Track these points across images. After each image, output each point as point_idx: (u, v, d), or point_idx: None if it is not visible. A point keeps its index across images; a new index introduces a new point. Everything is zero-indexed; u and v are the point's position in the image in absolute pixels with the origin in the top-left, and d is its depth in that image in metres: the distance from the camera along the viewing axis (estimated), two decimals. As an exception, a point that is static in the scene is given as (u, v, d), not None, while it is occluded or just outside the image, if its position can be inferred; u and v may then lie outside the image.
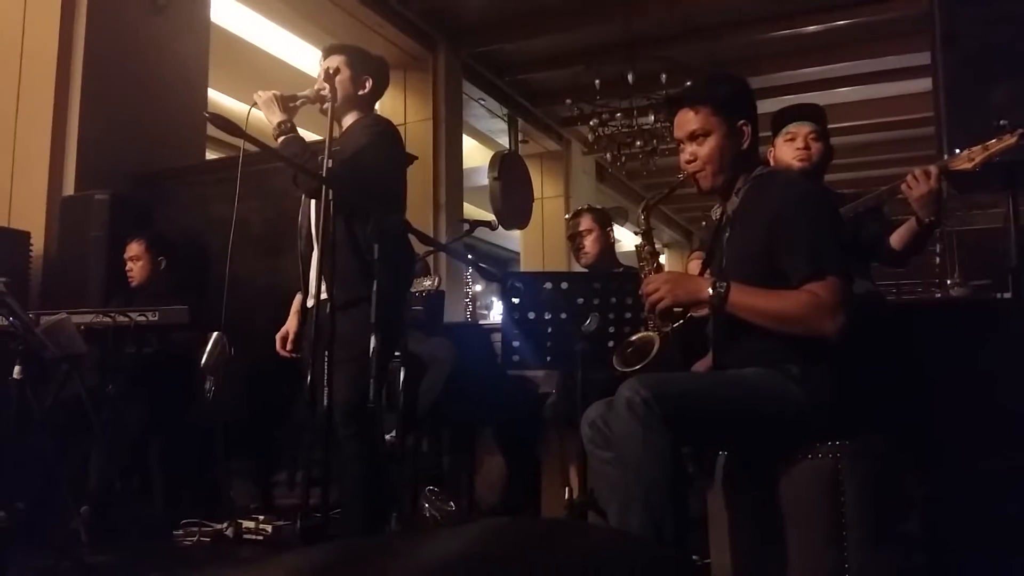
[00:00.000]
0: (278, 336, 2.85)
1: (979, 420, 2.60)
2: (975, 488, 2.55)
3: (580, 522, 2.26)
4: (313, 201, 2.62)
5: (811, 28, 7.50)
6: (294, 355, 2.82)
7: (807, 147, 2.65)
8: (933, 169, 2.37)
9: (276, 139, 2.61)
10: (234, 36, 7.00)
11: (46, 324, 2.85)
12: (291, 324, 2.85)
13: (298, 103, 2.65)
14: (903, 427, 2.20)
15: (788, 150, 2.67)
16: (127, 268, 3.75)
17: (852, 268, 2.02)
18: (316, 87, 2.68)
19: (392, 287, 2.66)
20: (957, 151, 2.41)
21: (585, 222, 3.65)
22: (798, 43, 7.86)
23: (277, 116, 2.60)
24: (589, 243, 3.62)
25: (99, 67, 4.40)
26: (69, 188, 4.24)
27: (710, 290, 1.89)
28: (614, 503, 1.92)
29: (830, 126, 2.79)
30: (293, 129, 2.60)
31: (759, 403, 1.84)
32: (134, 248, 3.75)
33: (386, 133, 2.72)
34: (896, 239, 2.56)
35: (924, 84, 6.80)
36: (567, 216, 3.85)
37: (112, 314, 3.19)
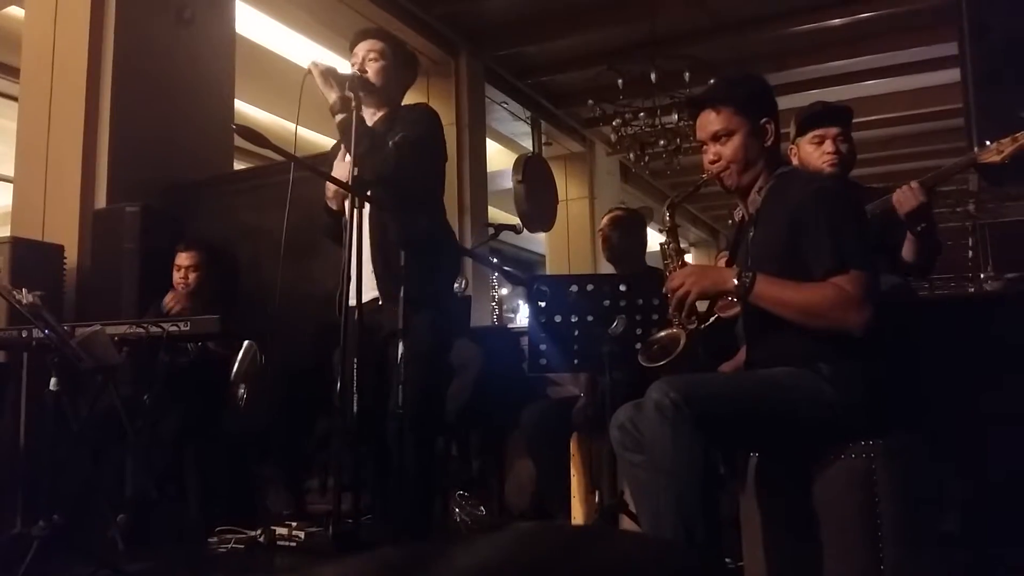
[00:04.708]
0: None
1: (1016, 416, 2.56)
2: (1017, 486, 2.51)
3: (611, 528, 2.26)
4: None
5: (836, 21, 7.42)
6: None
7: (837, 151, 2.60)
8: (915, 184, 2.38)
9: (334, 115, 2.50)
10: (258, 46, 7.07)
11: (81, 336, 2.89)
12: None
13: (348, 82, 2.52)
14: (938, 425, 2.17)
15: (816, 152, 2.62)
16: (182, 276, 3.73)
17: (879, 263, 2.00)
18: (357, 68, 2.61)
19: (445, 291, 2.67)
20: (987, 143, 2.38)
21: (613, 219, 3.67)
22: (823, 37, 7.78)
23: (334, 92, 2.49)
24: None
25: (128, 81, 4.46)
26: (101, 201, 4.30)
27: (735, 280, 1.88)
28: (645, 506, 1.92)
29: (857, 120, 2.75)
30: (351, 108, 2.48)
31: (790, 403, 1.82)
32: (189, 258, 3.73)
33: (441, 127, 2.70)
34: (906, 252, 2.53)
35: (951, 75, 6.71)
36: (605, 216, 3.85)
37: (145, 325, 3.23)
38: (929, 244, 2.51)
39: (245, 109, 7.57)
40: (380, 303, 2.52)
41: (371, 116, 2.70)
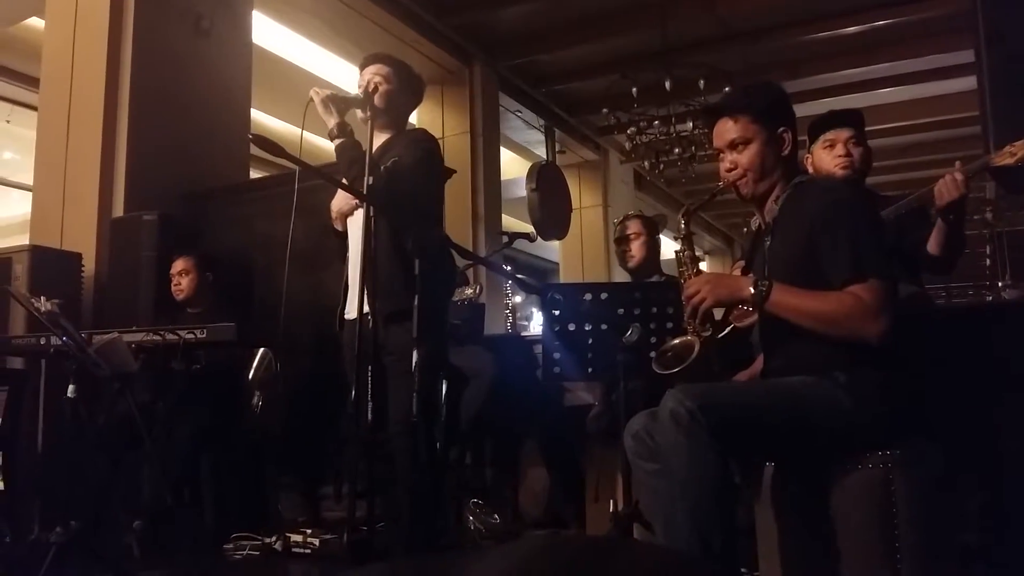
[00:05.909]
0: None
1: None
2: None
3: (626, 539, 2.24)
4: (359, 210, 2.60)
5: (850, 29, 7.39)
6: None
7: (848, 153, 2.59)
8: (959, 175, 2.33)
9: (332, 140, 2.60)
10: (275, 56, 7.13)
11: (98, 343, 2.91)
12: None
13: (350, 106, 2.64)
14: (957, 434, 2.15)
15: (828, 157, 2.62)
16: (174, 283, 3.79)
17: (897, 271, 1.98)
18: (363, 91, 2.69)
19: (439, 301, 2.68)
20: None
21: (633, 226, 3.71)
22: (838, 44, 7.76)
23: (333, 118, 2.59)
24: (636, 247, 3.68)
25: (146, 91, 4.50)
26: (118, 210, 4.33)
27: (751, 289, 1.87)
28: (660, 516, 1.91)
29: (873, 128, 2.74)
30: (351, 133, 2.59)
31: (807, 412, 1.81)
32: (182, 263, 3.80)
33: (436, 150, 2.77)
34: (932, 244, 2.50)
35: (968, 83, 6.68)
36: (615, 221, 3.89)
37: (161, 332, 3.25)
38: (958, 236, 2.49)
39: (261, 118, 7.63)
40: (370, 318, 2.54)
41: (376, 136, 2.76)
